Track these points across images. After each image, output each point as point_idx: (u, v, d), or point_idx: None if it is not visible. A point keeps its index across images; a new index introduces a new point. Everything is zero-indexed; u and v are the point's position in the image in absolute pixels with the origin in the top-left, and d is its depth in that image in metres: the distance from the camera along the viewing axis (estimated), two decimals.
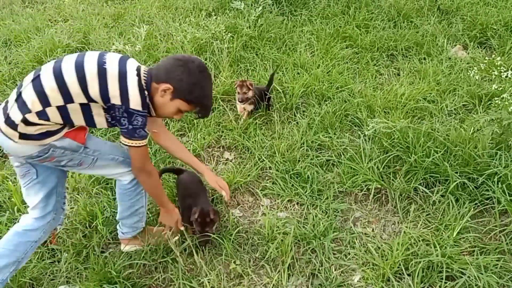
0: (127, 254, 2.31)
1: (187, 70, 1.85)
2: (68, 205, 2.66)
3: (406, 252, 2.19)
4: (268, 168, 2.88)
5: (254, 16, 4.44)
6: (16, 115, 1.77)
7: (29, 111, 1.76)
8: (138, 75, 1.84)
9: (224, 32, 4.09)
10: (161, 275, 2.22)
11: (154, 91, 1.89)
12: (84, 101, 1.79)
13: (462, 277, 2.06)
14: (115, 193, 2.61)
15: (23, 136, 1.79)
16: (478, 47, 4.25)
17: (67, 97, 1.77)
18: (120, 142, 1.92)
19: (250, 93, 3.19)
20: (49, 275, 2.23)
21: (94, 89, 1.77)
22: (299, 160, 2.87)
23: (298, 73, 3.80)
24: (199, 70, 1.88)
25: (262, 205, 2.64)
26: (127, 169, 2.06)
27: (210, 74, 1.96)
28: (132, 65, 1.86)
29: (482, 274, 2.06)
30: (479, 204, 2.49)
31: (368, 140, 2.97)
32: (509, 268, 2.13)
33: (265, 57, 4.03)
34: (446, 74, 3.76)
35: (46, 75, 1.79)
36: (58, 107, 1.78)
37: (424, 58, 4.03)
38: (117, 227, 2.32)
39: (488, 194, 2.48)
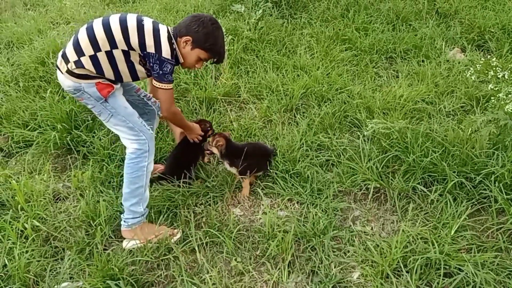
0: (129, 252, 2.34)
1: (201, 23, 2.28)
2: (71, 203, 2.70)
3: (405, 250, 2.22)
4: None
5: (255, 19, 4.49)
6: (71, 55, 2.21)
7: (83, 55, 2.19)
8: (168, 31, 2.28)
9: (225, 34, 4.13)
10: (163, 272, 2.25)
11: (179, 44, 2.32)
12: (125, 48, 2.20)
13: (459, 273, 2.10)
14: (117, 191, 2.67)
15: (68, 71, 2.22)
16: (476, 49, 4.30)
17: (112, 43, 2.18)
18: (154, 85, 2.32)
19: (214, 150, 2.74)
20: (52, 272, 2.26)
21: (134, 39, 2.20)
22: (299, 160, 2.91)
23: (298, 75, 3.85)
24: (211, 23, 2.31)
25: (262, 204, 2.67)
26: (134, 137, 2.35)
27: (220, 26, 2.39)
28: (162, 24, 2.31)
29: (479, 271, 2.09)
30: (476, 203, 2.53)
31: (367, 140, 3.01)
32: (506, 265, 2.16)
33: (265, 59, 4.07)
34: (444, 76, 3.80)
35: (96, 24, 2.22)
36: (107, 52, 2.20)
37: (423, 61, 4.07)
38: (121, 216, 2.41)
39: (486, 193, 2.52)
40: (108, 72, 2.26)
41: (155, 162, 3.03)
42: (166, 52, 2.21)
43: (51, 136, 3.09)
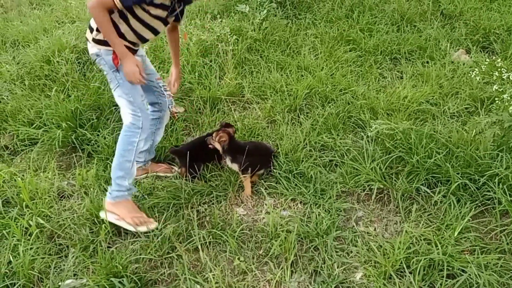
0: (133, 250, 2.35)
1: None
2: (76, 201, 2.71)
3: (408, 251, 2.22)
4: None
5: (259, 19, 4.49)
6: (93, 23, 2.40)
7: None
8: None
9: (229, 34, 4.15)
10: (167, 271, 2.26)
11: None
12: None
13: (463, 275, 2.09)
14: None
15: (93, 40, 2.41)
16: (480, 51, 4.29)
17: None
18: None
19: (217, 145, 2.74)
20: (57, 269, 2.27)
21: None
22: (302, 160, 2.91)
23: (302, 76, 3.85)
24: None
25: (265, 204, 2.68)
26: (131, 111, 2.46)
27: None
28: None
29: (482, 272, 2.09)
30: (480, 204, 2.52)
31: (371, 141, 3.01)
32: (509, 267, 2.16)
33: (270, 60, 4.08)
34: (449, 77, 3.79)
35: None
36: (118, 12, 2.29)
37: (427, 62, 4.07)
38: (108, 188, 2.53)
39: (489, 195, 2.51)
40: (127, 32, 2.37)
41: (158, 161, 3.05)
42: None
43: (56, 134, 3.11)
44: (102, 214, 2.45)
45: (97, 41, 2.40)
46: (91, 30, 2.42)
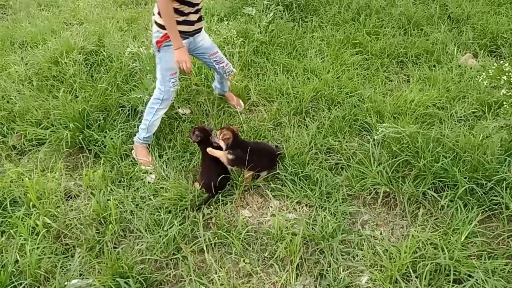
0: (139, 251, 2.36)
1: None
2: (82, 201, 2.73)
3: (414, 255, 2.21)
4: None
5: (265, 22, 4.50)
6: (155, 9, 2.79)
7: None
8: None
9: (236, 37, 4.16)
10: (172, 272, 2.26)
11: None
12: None
13: (469, 280, 2.08)
14: (126, 190, 2.72)
15: (155, 22, 2.80)
16: (488, 55, 4.27)
17: None
18: None
19: (221, 143, 2.74)
20: (63, 269, 2.28)
21: None
22: (308, 163, 2.91)
23: (308, 78, 3.85)
24: None
25: (271, 206, 2.68)
26: (160, 85, 2.94)
27: None
28: None
29: (489, 278, 2.07)
30: (487, 209, 2.51)
31: (377, 144, 2.99)
32: None
33: (276, 62, 4.08)
34: (456, 81, 3.77)
35: None
36: None
37: (434, 66, 4.05)
38: None
39: (497, 200, 2.50)
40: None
41: None
42: None
43: (63, 134, 3.13)
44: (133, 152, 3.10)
45: (155, 22, 2.78)
46: (153, 14, 2.84)
